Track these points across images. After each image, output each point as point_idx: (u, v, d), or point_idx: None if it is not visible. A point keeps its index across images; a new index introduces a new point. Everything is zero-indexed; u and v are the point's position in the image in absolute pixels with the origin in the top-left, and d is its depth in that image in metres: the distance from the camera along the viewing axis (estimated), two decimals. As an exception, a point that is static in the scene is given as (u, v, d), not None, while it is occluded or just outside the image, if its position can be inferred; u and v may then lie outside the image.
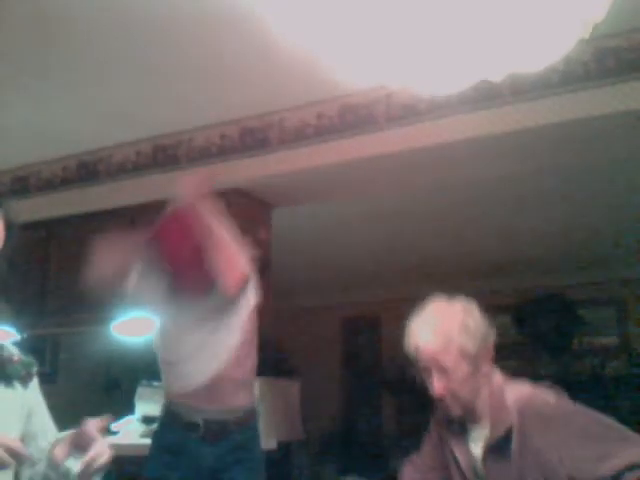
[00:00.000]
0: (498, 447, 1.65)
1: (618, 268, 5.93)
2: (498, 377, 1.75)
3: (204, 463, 2.14)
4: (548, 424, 1.59)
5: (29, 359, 1.45)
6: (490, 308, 6.20)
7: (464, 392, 1.70)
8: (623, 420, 1.78)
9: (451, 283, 6.51)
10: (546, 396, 1.66)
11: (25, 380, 1.43)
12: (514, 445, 1.62)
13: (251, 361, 2.30)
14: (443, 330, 1.74)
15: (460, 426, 1.77)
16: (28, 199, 3.91)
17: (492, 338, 1.77)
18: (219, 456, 2.14)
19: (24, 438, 1.36)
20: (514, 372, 1.96)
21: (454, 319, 1.76)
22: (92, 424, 1.31)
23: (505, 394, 1.70)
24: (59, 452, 1.30)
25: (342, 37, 2.26)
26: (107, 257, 2.19)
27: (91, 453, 1.27)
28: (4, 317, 3.64)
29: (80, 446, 1.29)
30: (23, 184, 3.96)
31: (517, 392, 1.70)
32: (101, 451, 1.29)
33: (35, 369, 1.45)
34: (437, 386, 1.71)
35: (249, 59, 2.76)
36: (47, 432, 1.46)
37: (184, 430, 2.19)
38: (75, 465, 1.28)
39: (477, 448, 1.72)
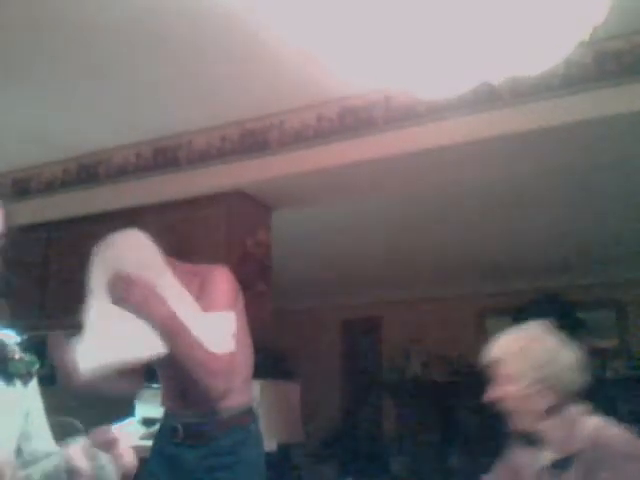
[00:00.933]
0: (557, 471, 1.70)
1: (618, 270, 5.93)
2: (574, 410, 1.79)
3: (187, 467, 2.12)
4: (621, 460, 1.63)
5: (31, 358, 1.45)
6: (490, 310, 6.25)
7: (518, 409, 1.78)
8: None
9: (451, 285, 6.56)
10: (623, 433, 1.70)
11: (26, 379, 1.43)
12: (576, 473, 1.66)
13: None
14: (506, 345, 1.85)
15: (533, 451, 1.82)
16: (28, 201, 3.91)
17: (569, 374, 1.82)
18: (201, 460, 2.11)
19: (19, 437, 1.36)
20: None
21: (520, 340, 1.86)
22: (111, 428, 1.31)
23: (579, 424, 1.75)
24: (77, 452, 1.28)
25: (342, 40, 2.27)
26: None
27: (119, 450, 1.27)
28: (4, 318, 3.63)
29: (101, 445, 1.28)
30: (23, 186, 3.97)
31: (594, 424, 1.74)
32: (127, 450, 1.29)
33: (36, 368, 1.45)
34: (489, 391, 1.84)
35: (249, 61, 2.76)
36: (42, 433, 1.45)
37: (169, 434, 2.19)
38: (105, 460, 1.27)
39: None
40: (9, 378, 1.39)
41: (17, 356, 1.42)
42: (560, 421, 1.77)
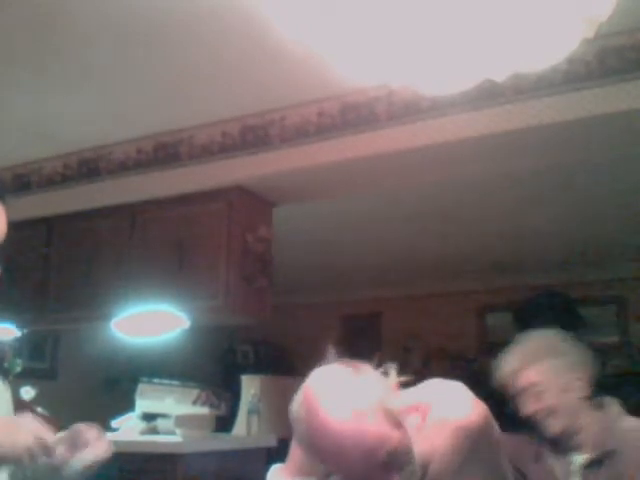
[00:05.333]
0: (593, 467, 1.71)
1: (619, 266, 5.93)
2: (614, 407, 1.83)
3: None
4: None
5: (17, 360, 1.47)
6: (490, 306, 6.26)
7: (556, 409, 1.79)
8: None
9: (451, 281, 6.56)
10: None
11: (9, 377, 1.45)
12: (607, 473, 1.67)
13: None
14: (523, 356, 1.87)
15: (565, 452, 1.82)
16: (29, 196, 3.90)
17: (588, 369, 1.86)
18: None
19: None
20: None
21: (532, 348, 1.89)
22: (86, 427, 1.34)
23: (617, 423, 1.77)
24: (64, 452, 1.30)
25: (344, 35, 2.25)
26: None
27: (94, 451, 1.29)
28: (4, 313, 3.64)
29: (76, 445, 1.31)
30: (24, 181, 3.96)
31: (631, 425, 1.76)
32: (102, 448, 1.31)
33: (19, 369, 1.48)
34: (527, 408, 1.84)
35: (250, 56, 2.75)
36: None
37: None
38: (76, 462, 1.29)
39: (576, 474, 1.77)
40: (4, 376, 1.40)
41: (9, 355, 1.44)
42: (599, 418, 1.78)
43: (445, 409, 1.30)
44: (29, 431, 1.22)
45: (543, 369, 1.80)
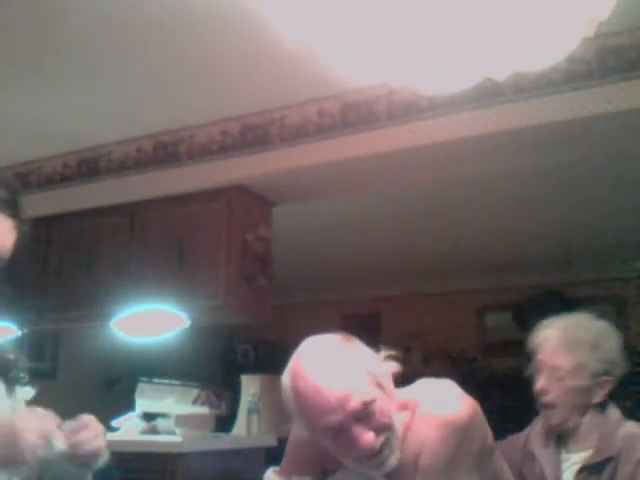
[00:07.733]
0: (593, 471, 1.69)
1: (619, 266, 5.93)
2: (615, 411, 1.80)
3: None
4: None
5: (24, 362, 1.44)
6: (491, 306, 6.27)
7: (566, 403, 1.75)
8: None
9: (451, 281, 6.56)
10: None
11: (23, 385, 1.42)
12: (608, 475, 1.66)
13: None
14: (564, 336, 1.80)
15: (556, 445, 1.80)
16: (29, 195, 3.90)
17: (618, 371, 1.83)
18: None
19: None
20: (515, 370, 1.97)
21: (589, 334, 1.82)
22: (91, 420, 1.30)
23: (619, 429, 1.74)
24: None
25: (344, 34, 2.25)
26: None
27: (81, 435, 1.25)
28: (4, 313, 3.64)
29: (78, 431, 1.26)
30: (24, 180, 3.96)
31: (630, 428, 1.75)
32: (93, 435, 1.27)
33: (24, 381, 1.44)
34: (541, 383, 1.77)
35: (250, 56, 2.75)
36: None
37: None
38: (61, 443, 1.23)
39: (569, 471, 1.74)
40: (11, 387, 1.38)
41: (20, 364, 1.40)
42: (603, 420, 1.77)
43: (434, 405, 1.30)
44: (32, 429, 1.18)
45: (575, 360, 1.75)
